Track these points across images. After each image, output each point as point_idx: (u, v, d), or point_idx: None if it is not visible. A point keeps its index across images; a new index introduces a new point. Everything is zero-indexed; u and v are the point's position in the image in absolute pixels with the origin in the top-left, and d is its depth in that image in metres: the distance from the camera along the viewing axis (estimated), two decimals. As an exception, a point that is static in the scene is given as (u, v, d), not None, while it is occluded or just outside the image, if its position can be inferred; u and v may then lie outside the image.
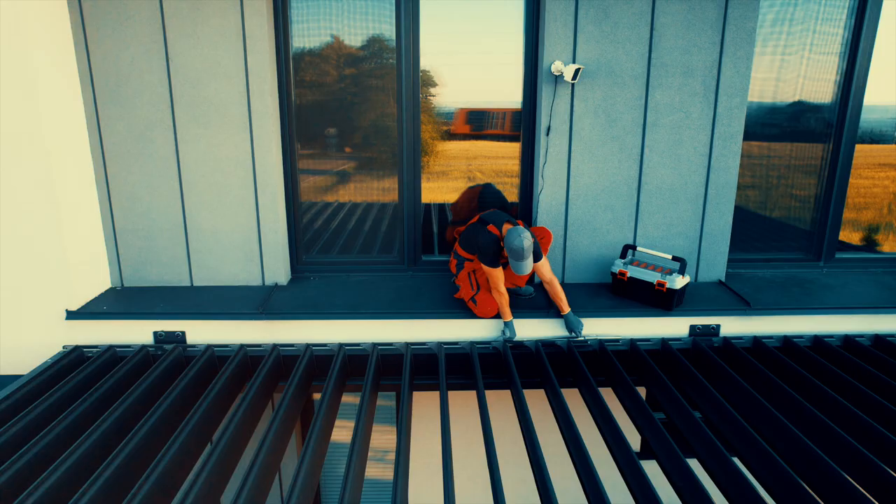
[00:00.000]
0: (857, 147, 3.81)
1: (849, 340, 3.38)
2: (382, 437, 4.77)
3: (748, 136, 3.70)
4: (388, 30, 3.44)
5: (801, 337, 3.41)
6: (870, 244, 4.06)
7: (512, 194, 3.77)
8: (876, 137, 3.87)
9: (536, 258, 3.04)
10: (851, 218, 3.98)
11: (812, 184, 3.90)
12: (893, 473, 2.15)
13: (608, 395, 3.07)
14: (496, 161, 3.75)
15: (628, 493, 2.34)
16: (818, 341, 3.37)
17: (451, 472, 2.24)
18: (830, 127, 3.79)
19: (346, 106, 3.57)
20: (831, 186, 3.86)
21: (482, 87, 3.61)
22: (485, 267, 3.07)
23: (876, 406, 2.67)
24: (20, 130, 2.92)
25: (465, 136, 3.74)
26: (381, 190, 3.73)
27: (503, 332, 3.23)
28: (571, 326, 3.22)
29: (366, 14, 3.42)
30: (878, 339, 3.38)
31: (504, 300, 3.16)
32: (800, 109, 3.78)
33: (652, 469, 2.44)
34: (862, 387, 2.80)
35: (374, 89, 3.54)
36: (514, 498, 3.46)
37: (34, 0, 2.86)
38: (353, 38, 3.46)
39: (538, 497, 2.31)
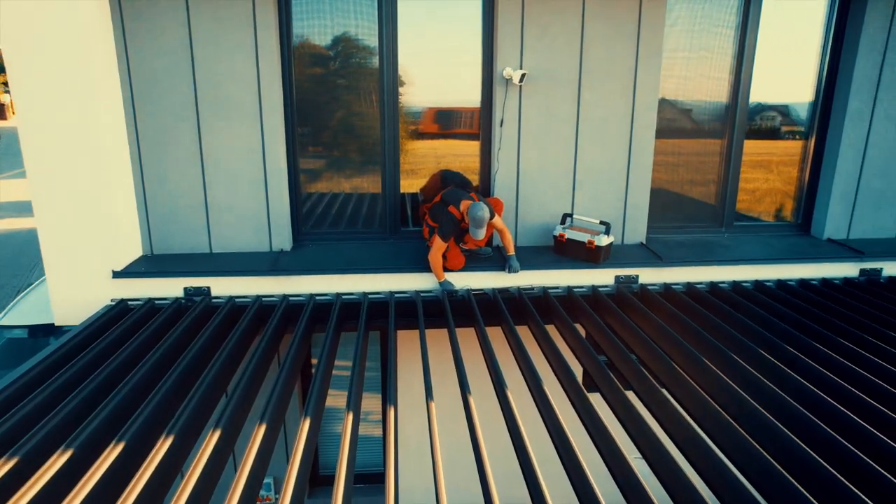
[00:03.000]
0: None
1: (736, 285, 4.33)
2: (368, 403, 5.46)
3: (671, 133, 4.62)
4: (372, 37, 4.24)
5: (701, 283, 4.34)
6: (759, 215, 5.05)
7: (476, 176, 4.62)
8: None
9: (491, 216, 3.90)
10: (746, 196, 4.95)
11: (715, 169, 4.84)
12: (765, 379, 2.99)
13: (552, 331, 3.93)
14: (464, 159, 4.59)
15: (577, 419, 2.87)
16: (713, 286, 4.31)
17: (431, 393, 2.92)
18: (726, 123, 4.74)
19: (335, 104, 4.36)
20: (727, 172, 4.81)
21: (448, 88, 4.45)
22: (437, 236, 3.90)
23: (754, 331, 3.54)
24: (84, 122, 3.64)
25: (433, 136, 4.57)
26: (364, 177, 4.53)
27: (441, 286, 4.07)
28: (510, 263, 4.08)
29: (354, 23, 4.21)
30: (758, 284, 4.34)
31: (440, 266, 3.99)
32: (704, 107, 4.72)
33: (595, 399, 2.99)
34: (746, 319, 3.68)
35: (354, 89, 4.34)
36: (483, 416, 4.30)
37: (92, 20, 3.59)
38: (344, 46, 4.26)
39: (502, 413, 2.93)
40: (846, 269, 4.52)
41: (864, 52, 4.46)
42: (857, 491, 2.07)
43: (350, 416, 2.71)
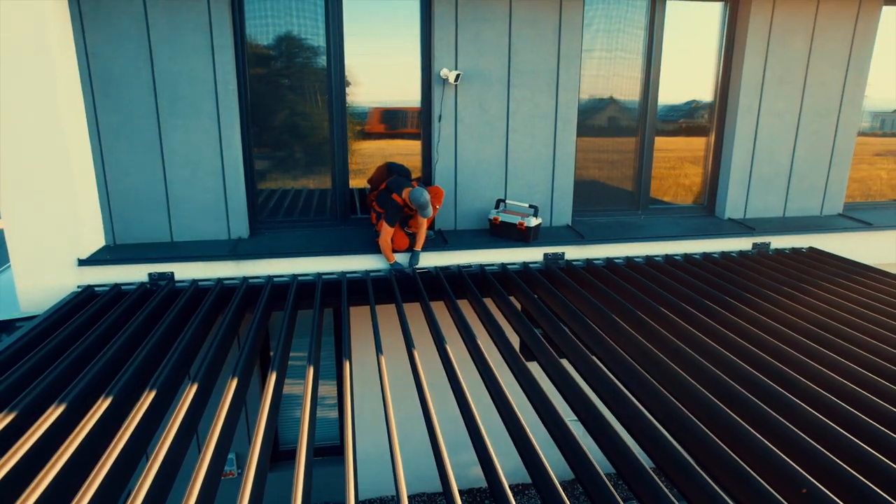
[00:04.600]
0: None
1: (649, 259, 4.95)
2: (324, 389, 5.82)
3: (594, 132, 5.20)
4: (319, 37, 4.63)
5: (619, 258, 4.94)
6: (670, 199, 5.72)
7: (419, 169, 5.08)
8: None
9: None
10: (657, 182, 5.60)
11: (632, 163, 5.47)
12: (672, 337, 3.59)
13: (490, 304, 4.43)
14: (411, 158, 5.03)
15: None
16: (630, 261, 4.91)
17: (382, 367, 3.29)
18: (638, 120, 5.37)
19: (285, 103, 4.73)
20: (642, 163, 5.44)
21: (392, 89, 4.88)
22: (384, 222, 4.34)
23: (664, 297, 4.15)
24: (46, 117, 3.88)
25: (380, 136, 5.00)
26: (315, 168, 4.92)
27: (391, 266, 4.52)
28: (413, 258, 4.53)
29: (302, 25, 4.60)
30: (668, 258, 4.98)
31: (390, 249, 4.44)
32: (617, 106, 5.33)
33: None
34: (656, 287, 4.27)
35: (302, 89, 4.72)
36: (432, 384, 4.76)
37: (51, 18, 3.84)
38: (293, 47, 4.63)
39: (448, 382, 3.12)
40: (741, 244, 5.22)
41: (749, 56, 5.17)
42: (753, 431, 2.47)
43: (309, 387, 2.87)
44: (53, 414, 2.53)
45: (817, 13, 5.18)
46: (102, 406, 2.61)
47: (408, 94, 4.91)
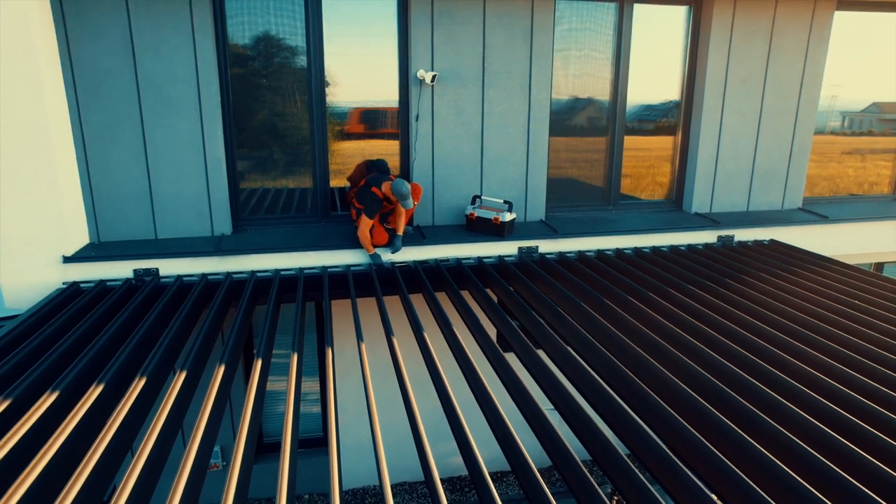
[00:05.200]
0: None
1: (619, 252, 5.17)
2: (306, 385, 5.93)
3: (566, 131, 5.41)
4: (298, 37, 4.77)
5: (590, 251, 5.16)
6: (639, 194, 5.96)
7: (397, 166, 5.24)
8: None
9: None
10: (628, 180, 5.84)
11: (603, 162, 5.69)
12: (641, 326, 3.80)
13: (467, 297, 4.61)
14: (390, 157, 5.17)
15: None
16: (600, 253, 5.13)
17: (364, 359, 3.45)
18: (608, 119, 5.60)
19: (266, 103, 4.86)
20: (611, 161, 5.67)
21: (371, 89, 5.04)
22: (364, 215, 4.50)
23: (629, 286, 4.39)
24: (31, 118, 3.97)
25: (359, 136, 5.15)
26: (296, 167, 5.06)
27: (371, 259, 4.68)
28: (395, 243, 4.70)
29: (282, 26, 4.73)
30: (637, 250, 5.20)
31: (369, 241, 4.60)
32: (588, 106, 5.55)
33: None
34: (624, 277, 4.49)
35: (282, 89, 4.86)
36: (412, 375, 4.93)
37: (35, 19, 3.93)
38: (275, 48, 4.77)
39: (428, 372, 3.22)
40: (707, 237, 5.48)
41: (713, 57, 5.42)
42: (720, 415, 2.74)
43: (293, 376, 2.99)
44: (40, 409, 2.56)
45: (775, 17, 5.46)
46: (89, 401, 2.65)
47: (386, 95, 5.07)
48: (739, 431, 2.46)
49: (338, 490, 2.09)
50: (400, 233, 4.72)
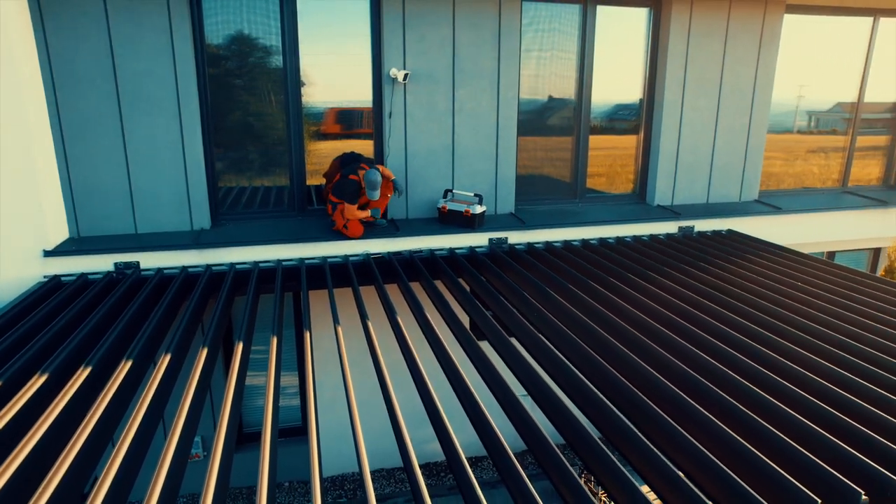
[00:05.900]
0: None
1: (585, 242, 5.42)
2: (284, 379, 6.07)
3: (535, 127, 5.64)
4: (274, 37, 4.93)
5: (557, 242, 5.40)
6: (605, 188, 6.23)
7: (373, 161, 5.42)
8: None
9: (383, 177, 4.79)
10: (603, 179, 6.10)
11: (569, 158, 5.94)
12: (607, 311, 4.02)
13: (440, 286, 4.80)
14: (366, 155, 5.34)
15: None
16: (567, 244, 5.37)
17: (342, 348, 3.64)
18: (574, 117, 5.85)
19: (244, 101, 5.01)
20: (578, 157, 5.93)
21: (345, 89, 5.21)
22: (346, 203, 4.68)
23: (595, 275, 4.61)
24: (9, 115, 4.07)
25: (335, 136, 5.32)
26: (273, 165, 5.21)
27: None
28: (376, 214, 4.97)
29: (258, 25, 4.88)
30: (602, 241, 5.47)
31: (358, 226, 4.79)
32: (555, 103, 5.79)
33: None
34: (590, 266, 4.71)
35: (258, 88, 5.01)
36: (389, 363, 5.12)
37: (11, 18, 4.03)
38: (248, 47, 4.91)
39: (405, 360, 3.32)
40: (668, 227, 5.76)
41: (672, 57, 5.71)
42: (686, 397, 3.01)
43: (272, 364, 3.05)
44: (20, 401, 2.58)
45: (729, 19, 5.76)
46: (69, 393, 2.66)
47: (360, 94, 5.25)
48: (706, 413, 2.57)
49: (318, 477, 2.11)
50: (381, 209, 4.98)
